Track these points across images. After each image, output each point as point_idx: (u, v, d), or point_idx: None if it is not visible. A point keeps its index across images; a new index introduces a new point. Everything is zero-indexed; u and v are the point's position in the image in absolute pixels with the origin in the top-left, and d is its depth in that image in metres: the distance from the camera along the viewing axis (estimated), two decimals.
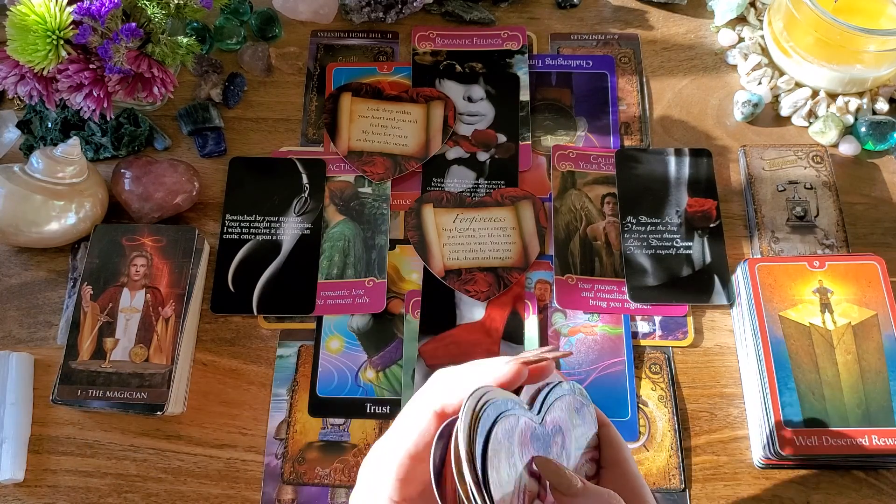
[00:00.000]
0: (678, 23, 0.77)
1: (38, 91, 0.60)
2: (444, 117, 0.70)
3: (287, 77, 0.74)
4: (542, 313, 0.63)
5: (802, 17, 0.68)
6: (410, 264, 0.65)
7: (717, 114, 0.71)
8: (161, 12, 0.60)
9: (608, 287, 0.63)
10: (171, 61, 0.62)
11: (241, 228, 0.65)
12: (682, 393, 0.60)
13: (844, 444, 0.53)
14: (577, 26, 0.76)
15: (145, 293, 0.60)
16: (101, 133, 0.69)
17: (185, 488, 0.57)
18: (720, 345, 0.62)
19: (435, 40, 0.74)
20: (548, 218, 0.66)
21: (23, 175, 0.61)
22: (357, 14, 0.74)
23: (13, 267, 0.65)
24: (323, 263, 0.64)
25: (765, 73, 0.72)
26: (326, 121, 0.70)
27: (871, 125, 0.68)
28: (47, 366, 0.61)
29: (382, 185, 0.67)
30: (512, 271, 0.63)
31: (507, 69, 0.73)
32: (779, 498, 0.56)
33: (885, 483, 0.56)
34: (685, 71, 0.74)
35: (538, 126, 0.70)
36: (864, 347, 0.56)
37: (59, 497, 0.57)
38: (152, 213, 0.64)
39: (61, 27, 0.57)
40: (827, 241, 0.64)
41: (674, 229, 0.65)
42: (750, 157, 0.68)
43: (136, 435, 0.59)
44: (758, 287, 0.59)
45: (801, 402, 0.55)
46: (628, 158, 0.68)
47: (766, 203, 0.66)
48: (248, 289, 0.63)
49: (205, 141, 0.69)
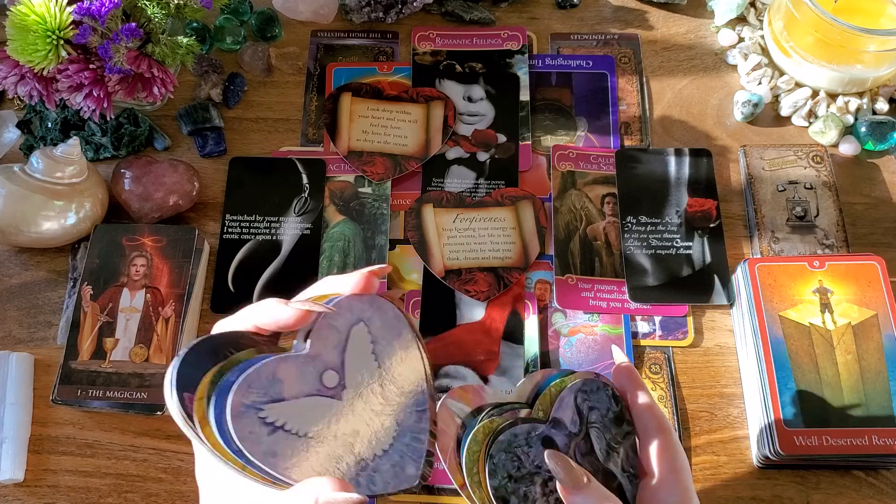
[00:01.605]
0: (678, 23, 0.77)
1: (38, 91, 0.60)
2: (444, 117, 0.70)
3: (287, 77, 0.74)
4: (542, 313, 0.63)
5: (802, 17, 0.68)
6: (410, 264, 0.65)
7: (717, 114, 0.72)
8: (161, 12, 0.60)
9: (608, 287, 0.63)
10: (171, 61, 0.62)
11: (241, 228, 0.65)
12: (682, 393, 0.60)
13: (844, 444, 0.53)
14: (577, 26, 0.76)
15: (145, 293, 0.60)
16: (101, 133, 0.69)
17: (185, 488, 0.57)
18: (720, 345, 0.62)
19: (435, 40, 0.74)
20: (548, 218, 0.66)
21: (23, 175, 0.61)
22: (357, 14, 0.74)
23: (13, 267, 0.65)
24: (323, 263, 0.64)
25: (765, 73, 0.72)
26: (326, 121, 0.70)
27: (871, 125, 0.68)
28: (47, 366, 0.61)
29: (382, 185, 0.67)
30: (512, 271, 0.63)
31: (507, 69, 0.73)
32: (779, 498, 0.56)
33: (885, 483, 0.56)
34: (685, 71, 0.74)
35: (538, 126, 0.70)
36: (864, 347, 0.56)
37: (59, 497, 0.57)
38: (152, 213, 0.64)
39: (61, 27, 0.57)
40: (827, 241, 0.64)
41: (674, 229, 0.65)
42: (750, 157, 0.68)
43: (136, 435, 0.59)
44: (758, 287, 0.59)
45: (801, 402, 0.55)
46: (628, 158, 0.68)
47: (766, 203, 0.66)
48: (248, 289, 0.63)
49: (205, 141, 0.69)
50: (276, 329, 0.33)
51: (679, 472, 0.38)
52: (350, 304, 0.34)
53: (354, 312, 0.34)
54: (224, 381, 0.30)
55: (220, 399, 0.30)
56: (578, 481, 0.36)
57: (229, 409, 0.30)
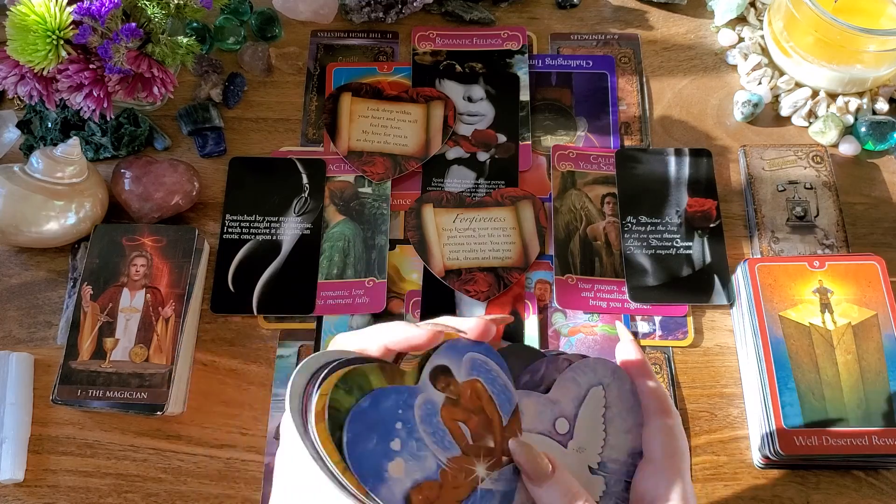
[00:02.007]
0: (678, 23, 0.77)
1: (38, 91, 0.60)
2: (444, 117, 0.70)
3: (287, 77, 0.74)
4: (542, 313, 0.63)
5: (802, 17, 0.68)
6: (410, 264, 0.65)
7: (717, 114, 0.72)
8: (161, 12, 0.60)
9: (608, 287, 0.63)
10: (171, 61, 0.62)
11: (241, 228, 0.65)
12: (682, 393, 0.60)
13: (844, 444, 0.53)
14: (577, 26, 0.76)
15: (145, 293, 0.60)
16: (101, 133, 0.69)
17: (185, 488, 0.57)
18: (720, 345, 0.62)
19: (435, 40, 0.74)
20: (548, 218, 0.66)
21: (23, 175, 0.61)
22: (357, 14, 0.74)
23: (13, 267, 0.65)
24: (323, 263, 0.64)
25: (765, 73, 0.72)
26: (326, 121, 0.70)
27: (871, 125, 0.68)
28: (47, 366, 0.61)
29: (382, 185, 0.67)
30: (512, 271, 0.63)
31: (507, 69, 0.73)
32: (779, 498, 0.56)
33: (885, 483, 0.56)
34: (685, 71, 0.74)
35: (538, 126, 0.70)
36: (864, 347, 0.56)
37: (59, 497, 0.57)
38: (152, 213, 0.64)
39: (61, 27, 0.57)
40: (827, 241, 0.64)
41: (674, 229, 0.65)
42: (750, 157, 0.68)
43: (136, 435, 0.59)
44: (758, 287, 0.59)
45: (801, 402, 0.55)
46: (628, 158, 0.68)
47: (766, 203, 0.66)
48: (248, 289, 0.63)
49: (205, 141, 0.69)
50: (407, 349, 0.35)
51: (674, 456, 0.37)
52: (595, 366, 0.37)
53: (598, 375, 0.37)
54: (359, 406, 0.32)
55: (355, 422, 0.32)
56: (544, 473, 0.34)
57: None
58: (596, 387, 0.37)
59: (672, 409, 0.38)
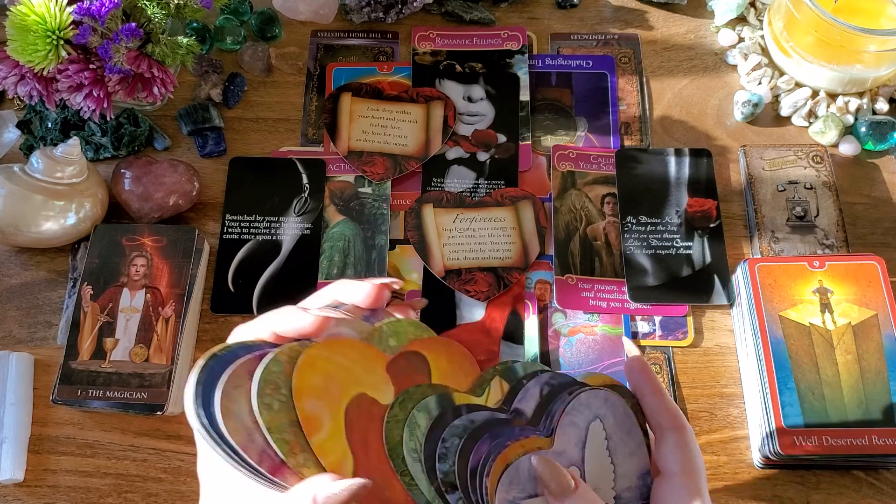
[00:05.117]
0: (678, 23, 0.77)
1: (38, 91, 0.60)
2: (444, 117, 0.70)
3: (287, 77, 0.74)
4: (542, 313, 0.63)
5: (802, 17, 0.68)
6: (410, 264, 0.65)
7: (717, 114, 0.72)
8: (161, 12, 0.60)
9: (608, 287, 0.63)
10: (171, 61, 0.62)
11: (241, 228, 0.65)
12: (682, 393, 0.60)
13: (844, 444, 0.53)
14: (577, 26, 0.76)
15: (145, 293, 0.60)
16: (101, 133, 0.69)
17: (185, 488, 0.57)
18: (720, 345, 0.62)
19: (435, 40, 0.74)
20: (548, 218, 0.66)
21: (23, 175, 0.61)
22: (357, 14, 0.74)
23: (13, 267, 0.65)
24: (323, 263, 0.64)
25: (765, 73, 0.72)
26: (326, 121, 0.70)
27: (871, 125, 0.68)
28: (47, 366, 0.61)
29: (382, 185, 0.67)
30: (512, 271, 0.63)
31: (507, 69, 0.73)
32: (779, 498, 0.56)
33: (885, 483, 0.56)
34: (685, 71, 0.74)
35: (538, 126, 0.70)
36: (864, 347, 0.56)
37: (59, 497, 0.57)
38: (152, 213, 0.64)
39: (61, 27, 0.57)
40: (827, 241, 0.64)
41: (674, 229, 0.65)
42: (750, 157, 0.68)
43: (136, 435, 0.59)
44: (758, 287, 0.59)
45: (801, 402, 0.55)
46: (628, 158, 0.68)
47: (766, 203, 0.66)
48: (248, 289, 0.63)
49: (205, 141, 0.69)
50: (297, 336, 0.34)
51: (692, 472, 0.37)
52: (588, 401, 0.37)
53: (592, 409, 0.37)
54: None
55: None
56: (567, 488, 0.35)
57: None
58: (593, 422, 0.37)
59: (685, 423, 0.38)
